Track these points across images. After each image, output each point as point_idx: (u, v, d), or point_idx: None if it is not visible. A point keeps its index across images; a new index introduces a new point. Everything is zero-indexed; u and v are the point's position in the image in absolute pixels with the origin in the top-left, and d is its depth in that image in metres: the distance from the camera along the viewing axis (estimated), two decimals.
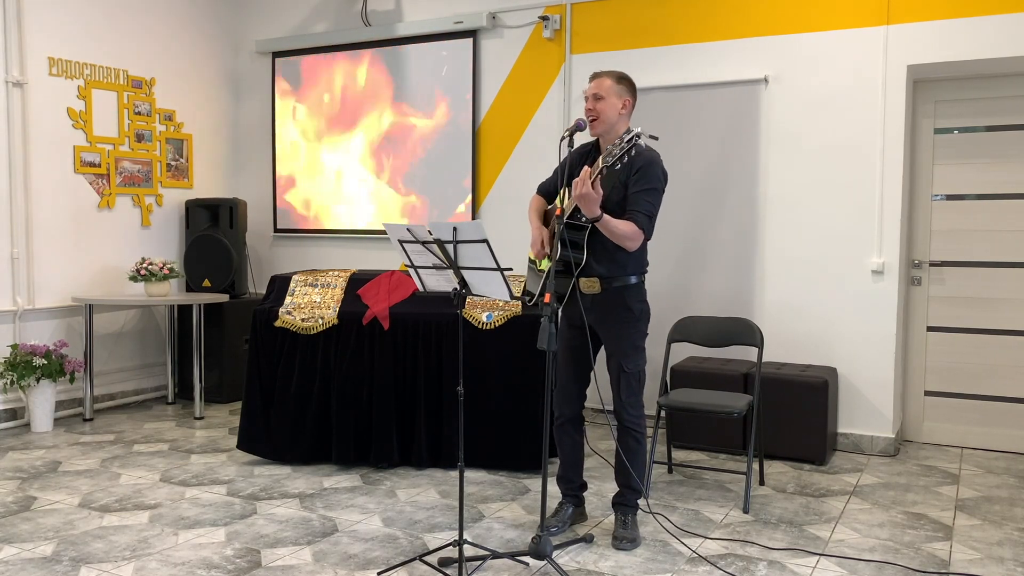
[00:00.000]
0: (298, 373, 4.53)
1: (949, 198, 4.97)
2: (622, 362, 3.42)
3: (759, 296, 5.09)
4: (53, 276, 5.57)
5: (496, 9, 5.78)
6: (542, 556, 3.04)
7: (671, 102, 5.24)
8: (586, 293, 3.38)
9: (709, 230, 5.18)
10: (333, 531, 3.57)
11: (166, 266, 5.75)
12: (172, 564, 3.21)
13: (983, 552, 3.40)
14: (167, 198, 6.33)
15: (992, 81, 4.82)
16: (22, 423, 5.37)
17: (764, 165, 5.05)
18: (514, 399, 4.32)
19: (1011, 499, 4.06)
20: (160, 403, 6.13)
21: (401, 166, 6.18)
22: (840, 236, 4.88)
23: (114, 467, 4.49)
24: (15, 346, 5.20)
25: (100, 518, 3.71)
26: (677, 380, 4.80)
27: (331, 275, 4.71)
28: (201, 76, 6.57)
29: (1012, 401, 4.86)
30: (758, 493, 4.13)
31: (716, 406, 3.96)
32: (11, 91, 5.30)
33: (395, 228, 3.09)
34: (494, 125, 5.86)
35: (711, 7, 5.17)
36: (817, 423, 4.57)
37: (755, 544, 3.46)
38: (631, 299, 3.41)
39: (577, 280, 3.37)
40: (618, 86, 3.39)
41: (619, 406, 3.45)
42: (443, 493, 4.08)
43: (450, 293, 3.11)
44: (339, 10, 6.38)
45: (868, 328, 4.83)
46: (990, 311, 4.89)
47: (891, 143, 4.75)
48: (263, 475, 4.36)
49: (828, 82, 4.88)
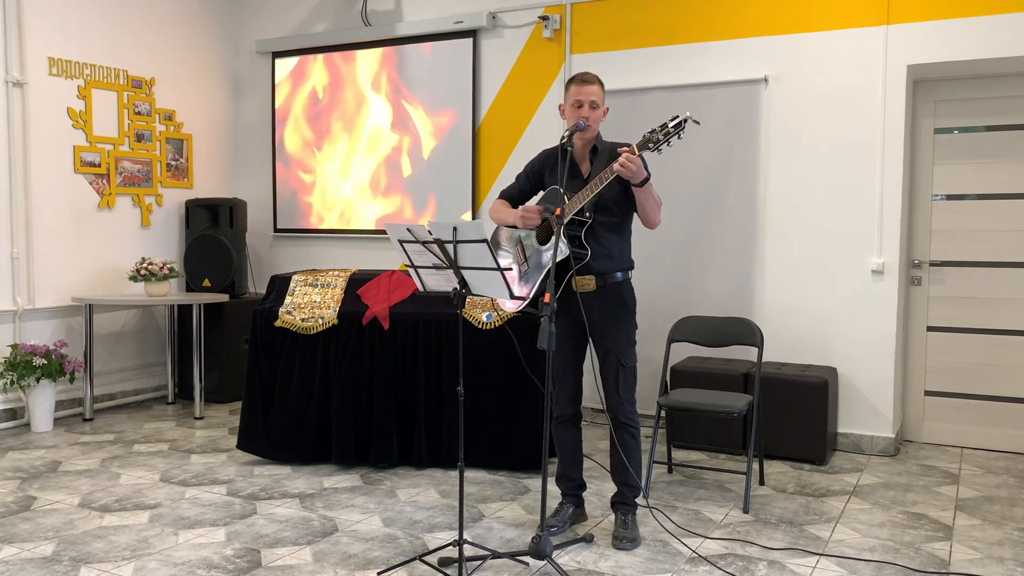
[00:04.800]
0: (298, 373, 4.53)
1: (949, 198, 4.97)
2: (621, 357, 3.43)
3: (759, 296, 5.09)
4: (53, 276, 5.57)
5: (496, 9, 5.78)
6: (542, 556, 3.04)
7: (671, 102, 5.23)
8: (580, 291, 3.39)
9: (709, 230, 5.18)
10: (333, 531, 3.57)
11: (166, 266, 5.75)
12: (172, 564, 3.21)
13: (983, 552, 3.40)
14: (167, 198, 6.33)
15: (992, 81, 4.82)
16: (22, 423, 5.37)
17: (764, 165, 5.05)
18: (514, 399, 4.32)
19: (1011, 499, 4.06)
20: (160, 403, 6.13)
21: (401, 166, 6.18)
22: (840, 236, 4.88)
23: (114, 467, 4.50)
24: (15, 346, 5.20)
25: (100, 518, 3.71)
26: (677, 380, 4.80)
27: (331, 275, 4.71)
28: (201, 76, 6.57)
29: (1012, 401, 4.86)
30: (758, 493, 4.13)
31: (716, 406, 3.96)
32: (11, 91, 5.30)
33: (395, 228, 3.09)
34: (494, 125, 5.86)
35: (711, 7, 5.17)
36: (817, 423, 4.57)
37: (755, 544, 3.46)
38: (626, 294, 3.47)
39: (570, 279, 3.38)
40: (603, 93, 3.49)
41: (616, 403, 3.45)
42: (443, 493, 4.08)
43: (450, 293, 3.11)
44: (339, 10, 6.38)
45: (868, 328, 4.83)
46: (990, 311, 4.89)
47: (891, 143, 4.75)
48: (263, 475, 4.36)
49: (828, 82, 4.88)
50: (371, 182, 6.30)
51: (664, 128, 3.19)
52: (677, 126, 3.18)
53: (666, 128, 3.19)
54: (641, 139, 3.24)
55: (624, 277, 3.46)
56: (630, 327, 3.48)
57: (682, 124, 3.19)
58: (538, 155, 3.64)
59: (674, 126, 3.18)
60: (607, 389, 3.46)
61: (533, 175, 3.62)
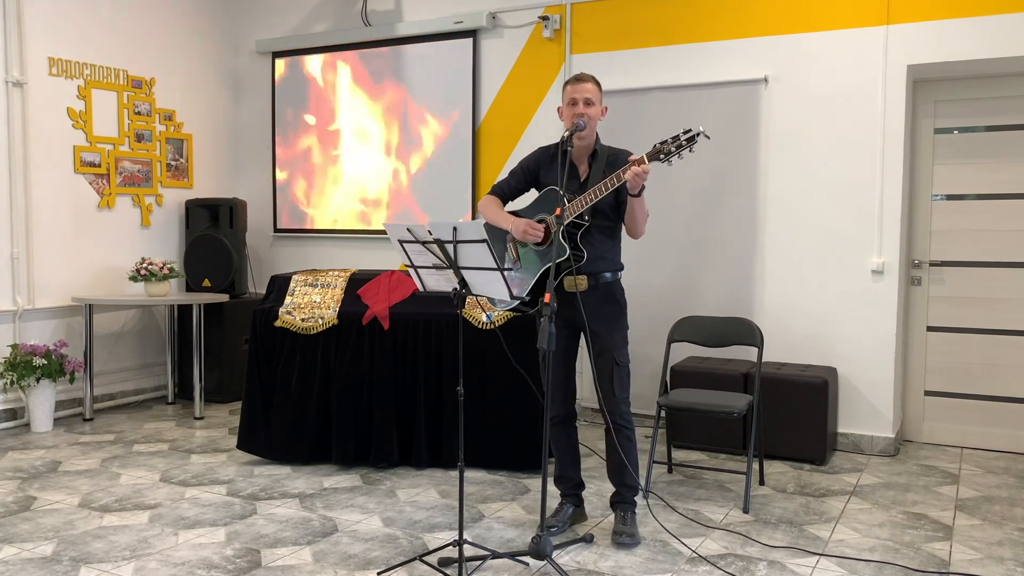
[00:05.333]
0: (298, 373, 4.53)
1: (949, 198, 4.97)
2: (615, 356, 3.44)
3: (759, 296, 5.09)
4: (53, 276, 5.57)
5: (496, 9, 5.78)
6: (542, 556, 3.04)
7: (671, 102, 5.24)
8: (571, 292, 3.39)
9: (709, 230, 5.18)
10: (333, 531, 3.57)
11: (166, 266, 5.75)
12: (172, 564, 3.21)
13: (983, 552, 3.40)
14: (167, 198, 6.33)
15: (992, 81, 4.82)
16: (22, 423, 5.37)
17: (764, 165, 5.05)
18: (514, 399, 4.32)
19: (1011, 499, 4.06)
20: (160, 403, 6.13)
21: (401, 166, 6.18)
22: (840, 236, 4.88)
23: (114, 467, 4.50)
24: (15, 346, 5.20)
25: (100, 518, 3.71)
26: (677, 380, 4.80)
27: (331, 275, 4.71)
28: (201, 76, 6.57)
29: (1012, 401, 4.86)
30: (758, 493, 4.13)
31: (716, 406, 3.96)
32: (11, 91, 5.30)
33: (395, 228, 3.09)
34: (494, 125, 5.86)
35: (711, 7, 5.17)
36: (817, 423, 4.57)
37: (755, 544, 3.46)
38: (617, 293, 3.49)
39: (562, 280, 3.39)
40: (600, 92, 3.48)
41: (612, 403, 3.45)
42: (443, 493, 4.08)
43: (450, 293, 3.11)
44: (339, 10, 6.38)
45: (868, 328, 4.83)
46: (990, 311, 4.89)
47: (891, 143, 4.75)
48: (263, 475, 4.36)
49: (828, 82, 4.88)
50: (371, 182, 6.30)
51: (676, 140, 3.18)
52: (690, 139, 3.17)
53: (678, 140, 3.17)
54: (652, 149, 3.22)
55: (614, 277, 3.49)
56: (623, 325, 3.50)
57: (695, 138, 3.17)
58: (533, 153, 3.64)
59: (687, 139, 3.17)
60: (603, 389, 3.46)
61: (528, 173, 3.61)
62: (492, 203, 3.60)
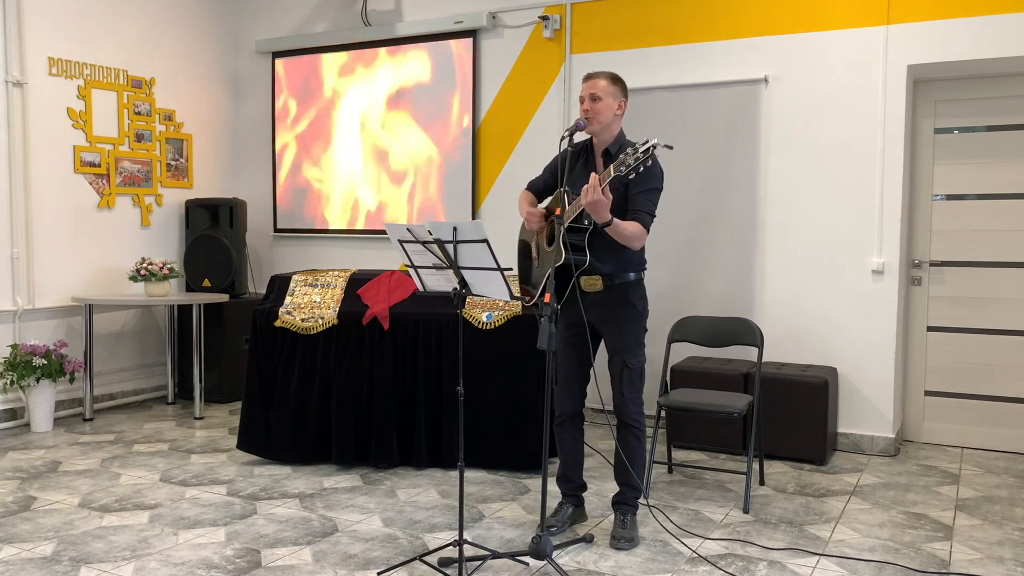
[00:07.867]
0: (298, 373, 4.52)
1: (949, 198, 4.97)
2: (626, 358, 3.43)
3: (759, 296, 5.09)
4: (53, 276, 5.57)
5: (496, 9, 5.78)
6: (542, 556, 3.04)
7: (671, 102, 5.24)
8: (588, 291, 3.39)
9: (709, 230, 5.18)
10: (333, 531, 3.57)
11: (166, 266, 5.75)
12: (172, 564, 3.21)
13: (983, 552, 3.40)
14: (167, 198, 6.33)
15: (992, 81, 4.82)
16: (22, 423, 5.37)
17: (764, 165, 5.05)
18: (514, 399, 4.32)
19: (1011, 499, 4.06)
20: (160, 403, 6.13)
21: (401, 166, 6.18)
22: (840, 236, 4.88)
23: (114, 467, 4.49)
24: (15, 346, 5.20)
25: (100, 518, 3.71)
26: (677, 380, 4.80)
27: (331, 275, 4.71)
28: (201, 76, 6.57)
29: (1012, 401, 4.86)
30: (758, 493, 4.13)
31: (716, 406, 3.96)
32: (11, 91, 5.30)
33: (395, 228, 3.09)
34: (494, 125, 5.86)
35: (711, 7, 5.17)
36: (817, 423, 4.57)
37: (755, 544, 3.46)
38: (634, 296, 3.44)
39: (578, 279, 3.38)
40: (613, 87, 3.42)
41: (620, 403, 3.46)
42: (443, 493, 4.08)
43: (450, 293, 3.11)
44: (339, 10, 6.38)
45: (868, 328, 4.83)
46: (990, 311, 4.89)
47: (891, 143, 4.75)
48: (263, 475, 4.36)
49: (828, 82, 4.88)
50: (371, 182, 6.30)
51: (634, 151, 3.07)
52: (646, 152, 3.05)
53: (636, 152, 3.07)
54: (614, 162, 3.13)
55: (636, 278, 3.43)
56: (636, 328, 3.45)
57: (650, 150, 3.06)
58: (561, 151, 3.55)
59: (643, 152, 3.05)
60: (613, 389, 3.47)
61: (551, 172, 3.64)
62: (523, 198, 3.65)
